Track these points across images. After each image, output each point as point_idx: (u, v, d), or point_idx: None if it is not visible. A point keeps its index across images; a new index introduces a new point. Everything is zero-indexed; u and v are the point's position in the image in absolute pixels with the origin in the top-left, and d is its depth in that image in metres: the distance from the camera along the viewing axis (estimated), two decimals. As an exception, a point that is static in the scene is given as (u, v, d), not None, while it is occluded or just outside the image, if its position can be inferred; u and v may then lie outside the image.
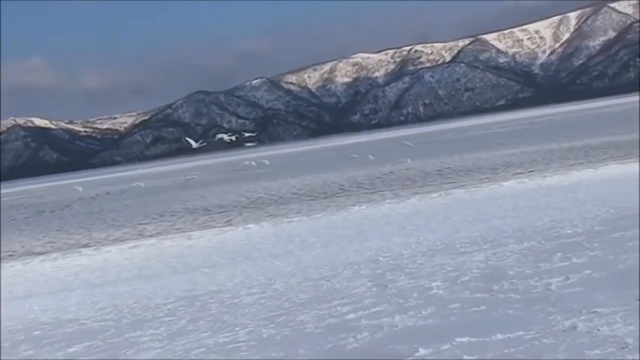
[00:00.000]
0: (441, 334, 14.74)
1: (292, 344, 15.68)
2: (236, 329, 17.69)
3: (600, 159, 49.25)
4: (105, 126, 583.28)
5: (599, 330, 13.57)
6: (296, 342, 15.77)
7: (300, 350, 15.19)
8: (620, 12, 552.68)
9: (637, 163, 42.95)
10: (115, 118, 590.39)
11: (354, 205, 42.53)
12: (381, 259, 23.81)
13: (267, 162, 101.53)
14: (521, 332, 14.08)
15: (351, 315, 17.26)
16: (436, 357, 13.56)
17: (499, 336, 14.07)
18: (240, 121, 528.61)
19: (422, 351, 13.89)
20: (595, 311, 14.67)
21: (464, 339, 14.17)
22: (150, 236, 41.41)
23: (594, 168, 43.58)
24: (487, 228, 26.85)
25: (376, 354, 14.21)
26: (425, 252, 23.92)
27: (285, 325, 17.31)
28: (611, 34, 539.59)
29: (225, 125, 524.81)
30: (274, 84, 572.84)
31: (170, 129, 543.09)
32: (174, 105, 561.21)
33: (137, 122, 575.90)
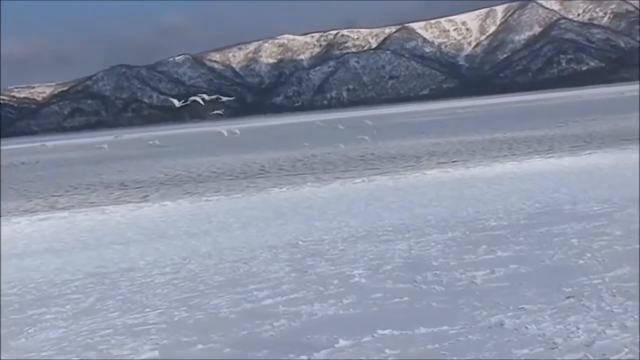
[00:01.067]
0: (362, 325, 14.10)
1: (205, 329, 14.91)
2: (146, 310, 16.86)
3: (524, 152, 49.12)
4: (22, 95, 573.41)
5: (526, 328, 13.04)
6: (209, 327, 15.01)
7: (213, 335, 14.43)
8: (546, 8, 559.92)
9: (561, 158, 42.91)
10: (33, 87, 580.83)
11: (275, 187, 41.75)
12: (301, 243, 23.12)
13: (226, 133, 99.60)
14: (446, 327, 13.49)
15: (268, 301, 16.55)
16: (357, 350, 12.90)
17: (423, 330, 13.47)
18: (162, 97, 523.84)
19: (342, 342, 13.22)
20: (523, 308, 14.16)
21: (386, 332, 13.54)
22: (63, 209, 40.14)
23: (518, 161, 43.36)
24: (411, 216, 26.30)
25: (293, 344, 13.51)
26: (346, 238, 23.27)
27: (199, 309, 16.52)
28: (537, 29, 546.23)
29: (146, 100, 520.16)
30: (197, 61, 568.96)
31: (89, 102, 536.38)
32: (94, 77, 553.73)
33: (55, 92, 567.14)
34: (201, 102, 58.70)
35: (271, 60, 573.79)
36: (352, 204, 31.43)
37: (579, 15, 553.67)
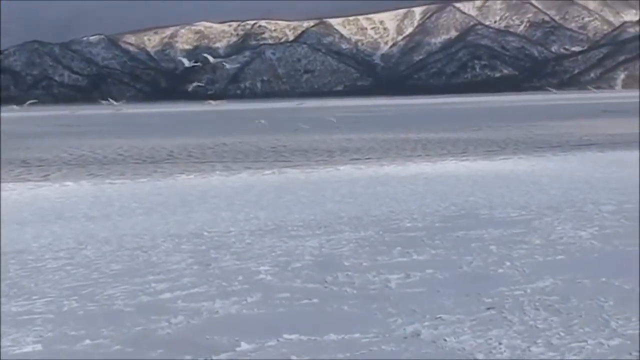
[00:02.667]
0: (267, 328, 13.02)
1: (96, 322, 13.69)
2: (34, 297, 15.54)
3: (439, 153, 48.53)
4: None
5: (445, 340, 12.08)
6: (100, 320, 13.79)
7: (104, 330, 13.23)
8: (464, 13, 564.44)
9: (476, 161, 42.36)
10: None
11: (182, 173, 40.45)
12: (206, 234, 21.94)
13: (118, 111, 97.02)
14: (358, 334, 12.47)
15: (167, 295, 15.37)
16: (260, 354, 11.83)
17: (333, 336, 12.44)
18: (74, 76, 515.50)
19: (244, 346, 12.13)
20: (440, 317, 13.22)
21: (293, 336, 12.48)
22: (-42, 183, 38.24)
23: (432, 162, 42.71)
24: (322, 212, 25.28)
25: (191, 344, 12.38)
26: (254, 231, 22.15)
27: (91, 299, 15.28)
28: (453, 33, 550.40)
29: (57, 78, 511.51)
30: (112, 42, 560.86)
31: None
32: (5, 52, 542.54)
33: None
34: (211, 59, 56.89)
35: (187, 47, 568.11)
36: (262, 195, 30.31)
37: (495, 22, 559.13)
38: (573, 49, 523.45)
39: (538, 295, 14.45)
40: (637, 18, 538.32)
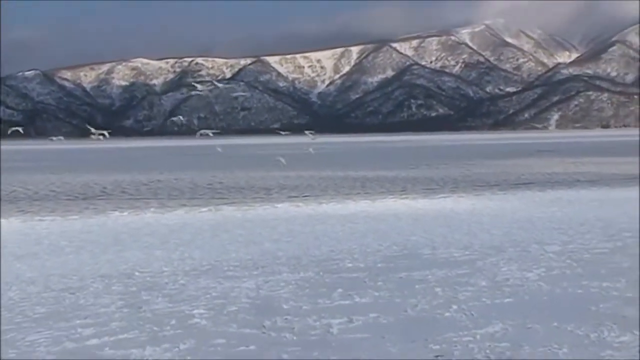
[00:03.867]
0: (201, 377, 12.07)
1: (15, 372, 12.63)
2: (-50, 344, 14.42)
3: (378, 191, 47.88)
4: None
5: (392, 392, 11.23)
6: (20, 370, 12.73)
7: (24, 381, 12.16)
8: (400, 53, 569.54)
9: (416, 200, 41.76)
10: None
11: (115, 210, 39.26)
12: (137, 274, 20.92)
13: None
14: (299, 386, 11.58)
15: (94, 341, 14.36)
16: (192, 408, 10.86)
17: (272, 388, 11.53)
18: (8, 111, 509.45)
19: (175, 398, 11.17)
20: (387, 366, 12.37)
21: (229, 387, 11.55)
22: None
23: (372, 200, 42.01)
24: (259, 251, 24.38)
25: (118, 397, 11.38)
26: (188, 271, 21.18)
27: (12, 345, 14.25)
28: (390, 72, 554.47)
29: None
30: (47, 77, 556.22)
31: None
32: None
33: None
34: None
35: (123, 83, 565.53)
36: (197, 234, 29.32)
37: (431, 62, 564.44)
38: (507, 89, 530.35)
39: (488, 342, 13.70)
40: (570, 59, 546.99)
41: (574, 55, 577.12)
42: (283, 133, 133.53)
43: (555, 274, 19.73)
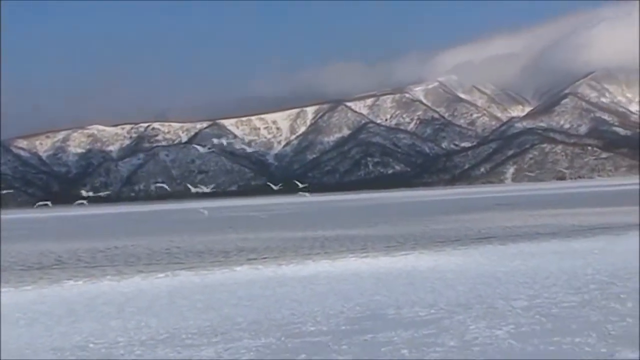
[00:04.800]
0: None
1: None
2: None
3: (338, 250, 47.24)
4: None
5: None
6: None
7: None
8: (355, 112, 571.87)
9: (377, 258, 41.16)
10: None
11: (70, 279, 38.30)
12: (92, 345, 20.10)
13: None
14: None
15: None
16: None
17: None
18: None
19: None
20: None
21: None
22: None
23: (332, 259, 41.35)
24: (219, 317, 23.61)
25: None
26: (145, 341, 20.38)
27: None
28: (346, 131, 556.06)
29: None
30: (3, 147, 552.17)
31: None
32: None
33: None
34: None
35: (79, 150, 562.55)
36: (154, 301, 28.48)
37: (386, 119, 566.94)
38: (463, 144, 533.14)
39: (461, 406, 13.06)
40: (523, 113, 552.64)
41: (527, 109, 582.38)
42: (275, 187, 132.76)
43: (525, 330, 19.17)
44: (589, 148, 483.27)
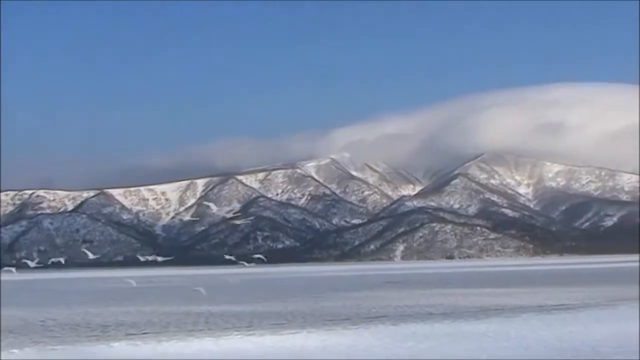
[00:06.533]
0: None
1: None
2: None
3: (222, 327, 45.01)
4: None
5: None
6: None
7: None
8: (246, 185, 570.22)
9: (263, 336, 39.10)
10: None
11: None
12: None
13: None
14: None
15: None
16: None
17: None
18: None
19: None
20: None
21: None
22: None
23: (215, 337, 39.14)
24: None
25: None
26: None
27: None
28: (236, 204, 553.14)
29: None
30: None
31: None
32: None
33: None
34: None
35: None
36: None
37: (277, 194, 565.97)
38: (353, 221, 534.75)
39: None
40: (414, 192, 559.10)
41: (418, 188, 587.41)
42: (248, 265, 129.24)
43: None
44: (478, 228, 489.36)
